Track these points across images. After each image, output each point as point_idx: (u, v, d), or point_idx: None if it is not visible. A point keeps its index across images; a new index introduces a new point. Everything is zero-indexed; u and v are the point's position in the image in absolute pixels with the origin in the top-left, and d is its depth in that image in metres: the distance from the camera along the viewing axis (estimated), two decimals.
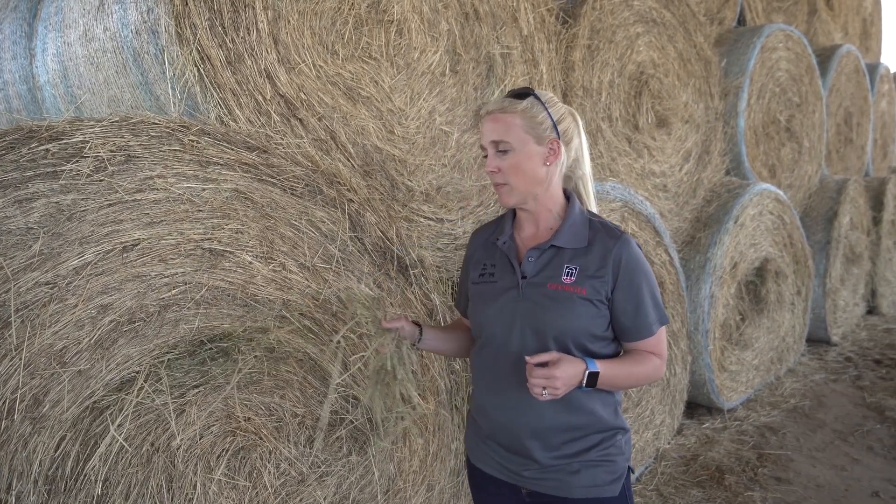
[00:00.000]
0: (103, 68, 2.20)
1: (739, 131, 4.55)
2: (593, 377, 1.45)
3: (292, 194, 1.84)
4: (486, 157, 1.60)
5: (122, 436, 1.45)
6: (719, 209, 4.24)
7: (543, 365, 1.40)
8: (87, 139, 1.42)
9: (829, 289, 5.30)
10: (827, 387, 4.57)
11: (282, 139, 1.89)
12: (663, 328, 1.60)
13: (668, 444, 3.70)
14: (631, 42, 3.72)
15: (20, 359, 1.33)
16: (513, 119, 1.55)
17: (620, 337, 1.60)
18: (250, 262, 1.74)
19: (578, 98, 3.30)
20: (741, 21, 5.22)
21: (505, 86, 2.78)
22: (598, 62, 3.47)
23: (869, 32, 7.99)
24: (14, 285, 1.32)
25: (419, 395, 2.20)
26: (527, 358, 1.40)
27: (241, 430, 1.70)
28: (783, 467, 3.44)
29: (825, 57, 5.94)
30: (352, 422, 1.97)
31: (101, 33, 2.15)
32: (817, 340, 5.46)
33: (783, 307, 4.70)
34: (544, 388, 1.38)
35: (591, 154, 3.39)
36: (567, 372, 1.40)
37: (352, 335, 1.45)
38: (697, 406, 4.23)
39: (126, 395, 1.47)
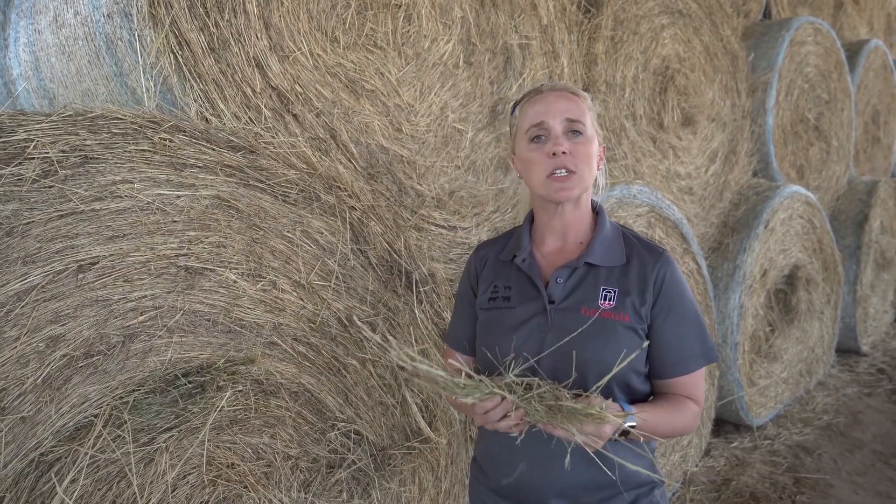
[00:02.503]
0: (75, 58, 1.96)
1: (768, 130, 4.28)
2: (628, 431, 1.20)
3: (284, 201, 1.59)
4: (535, 138, 1.33)
5: (75, 494, 1.20)
6: (748, 213, 3.98)
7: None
8: (32, 137, 1.18)
9: (860, 296, 5.02)
10: (861, 402, 4.29)
11: (273, 138, 1.64)
12: (702, 370, 1.33)
13: (696, 466, 3.43)
14: (656, 34, 3.45)
15: None
16: (584, 105, 1.33)
17: (653, 373, 1.34)
18: (234, 281, 1.49)
19: (601, 94, 3.04)
20: (766, 14, 4.96)
21: (524, 79, 2.53)
22: (622, 55, 3.20)
23: (893, 28, 7.69)
24: None
25: (430, 426, 1.95)
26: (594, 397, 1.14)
27: (222, 479, 1.45)
28: (822, 494, 3.17)
29: (852, 52, 5.66)
30: (354, 462, 1.72)
31: (72, 18, 1.91)
32: (846, 350, 5.18)
33: (812, 316, 4.43)
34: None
35: (615, 153, 3.16)
36: (613, 428, 1.14)
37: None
38: (724, 423, 3.97)
39: (80, 444, 1.23)
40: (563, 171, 1.29)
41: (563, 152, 1.28)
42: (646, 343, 1.23)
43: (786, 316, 4.24)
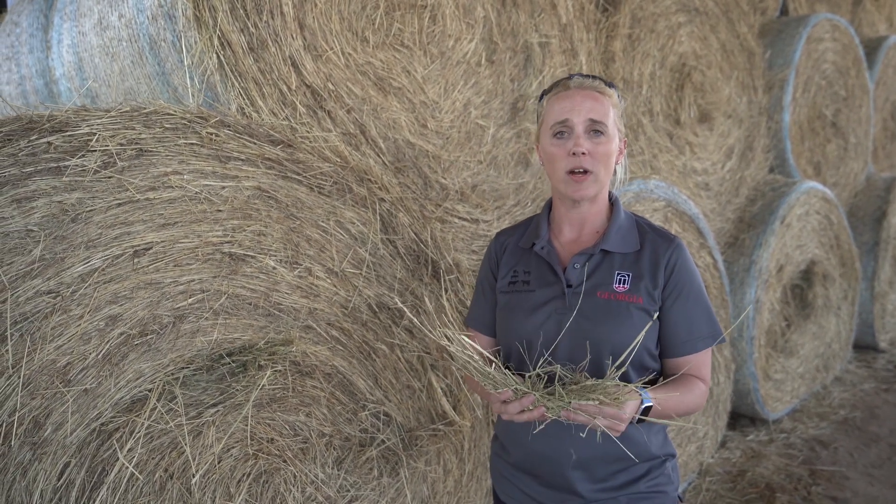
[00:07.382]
0: (119, 58, 2.07)
1: (784, 126, 4.30)
2: (646, 412, 1.27)
3: (319, 193, 1.68)
4: (558, 133, 1.39)
5: (133, 462, 1.30)
6: (764, 209, 4.01)
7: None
8: (94, 131, 1.27)
9: (878, 292, 5.02)
10: (878, 397, 4.30)
11: (308, 132, 1.73)
12: (709, 350, 1.41)
13: (712, 458, 3.48)
14: (673, 32, 3.51)
15: (18, 377, 1.18)
16: (609, 103, 1.38)
17: (663, 352, 1.42)
18: (274, 268, 1.58)
19: (619, 91, 3.10)
20: (784, 11, 4.97)
21: (543, 77, 2.60)
22: (639, 53, 3.26)
23: None
24: (12, 295, 1.18)
25: (454, 409, 2.03)
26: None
27: (263, 453, 1.54)
28: (838, 485, 3.21)
29: (871, 48, 5.66)
30: (383, 441, 1.81)
31: (116, 21, 2.01)
32: (864, 347, 5.19)
33: (829, 311, 4.45)
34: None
35: (633, 149, 3.22)
36: (632, 411, 1.22)
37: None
38: (740, 416, 4.01)
39: (137, 416, 1.32)
40: (581, 169, 1.36)
41: (583, 153, 1.35)
42: (656, 315, 1.30)
43: (802, 311, 4.27)
